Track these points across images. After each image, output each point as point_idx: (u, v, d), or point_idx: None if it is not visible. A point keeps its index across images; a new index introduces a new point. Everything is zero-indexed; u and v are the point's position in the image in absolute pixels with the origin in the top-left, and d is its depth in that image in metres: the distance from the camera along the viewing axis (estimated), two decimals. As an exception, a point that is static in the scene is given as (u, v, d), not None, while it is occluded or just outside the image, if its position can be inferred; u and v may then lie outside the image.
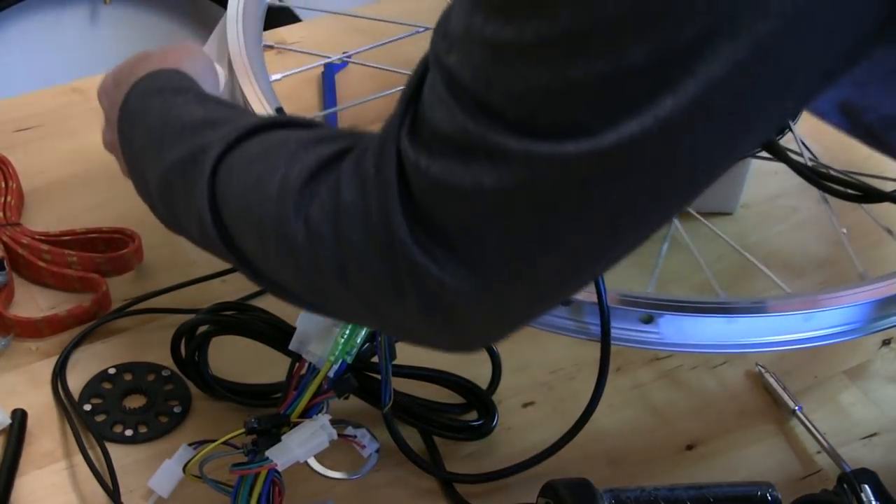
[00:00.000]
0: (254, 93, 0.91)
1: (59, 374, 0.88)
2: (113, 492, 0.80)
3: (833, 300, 0.86)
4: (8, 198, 1.00)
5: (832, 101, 0.69)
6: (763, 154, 0.92)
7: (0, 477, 0.80)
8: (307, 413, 0.76)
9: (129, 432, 0.85)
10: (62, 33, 1.98)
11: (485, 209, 0.54)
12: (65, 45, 1.97)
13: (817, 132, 1.06)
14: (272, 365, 0.84)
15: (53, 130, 1.11)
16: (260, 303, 0.88)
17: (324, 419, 0.76)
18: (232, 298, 0.90)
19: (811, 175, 0.88)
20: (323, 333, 0.76)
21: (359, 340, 0.77)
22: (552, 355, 0.93)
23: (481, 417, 0.86)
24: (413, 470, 0.84)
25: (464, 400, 0.87)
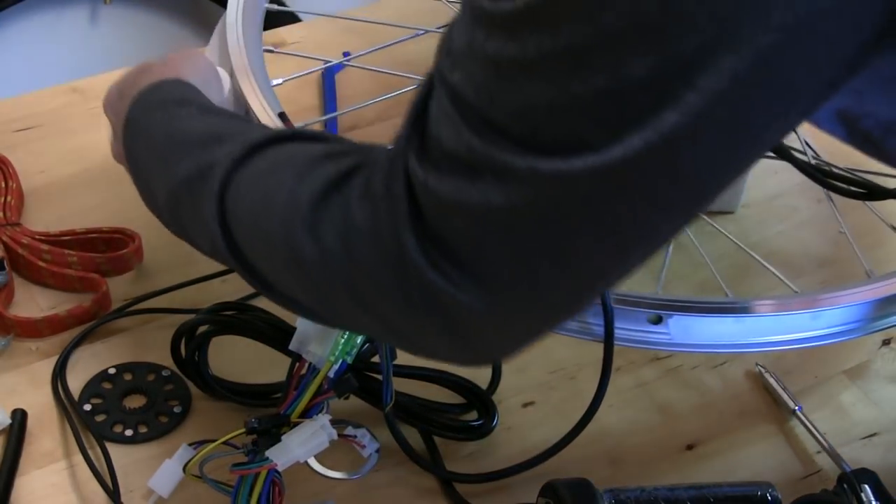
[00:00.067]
0: (256, 98, 0.91)
1: (59, 374, 0.88)
2: (113, 492, 0.80)
3: (843, 298, 0.85)
4: (8, 198, 1.00)
5: (829, 110, 0.68)
6: (766, 153, 0.91)
7: (0, 477, 0.80)
8: (307, 413, 0.76)
9: (129, 432, 0.85)
10: (62, 33, 1.98)
11: (494, 227, 0.54)
12: (65, 45, 1.97)
13: (819, 131, 1.06)
14: (272, 365, 0.83)
15: (53, 130, 1.11)
16: (260, 303, 0.88)
17: (324, 419, 0.76)
18: (232, 298, 0.90)
19: (815, 173, 0.87)
20: (323, 333, 0.76)
21: (359, 340, 0.77)
22: (552, 355, 0.93)
23: (481, 417, 0.86)
24: (413, 470, 0.84)
25: (464, 400, 0.87)
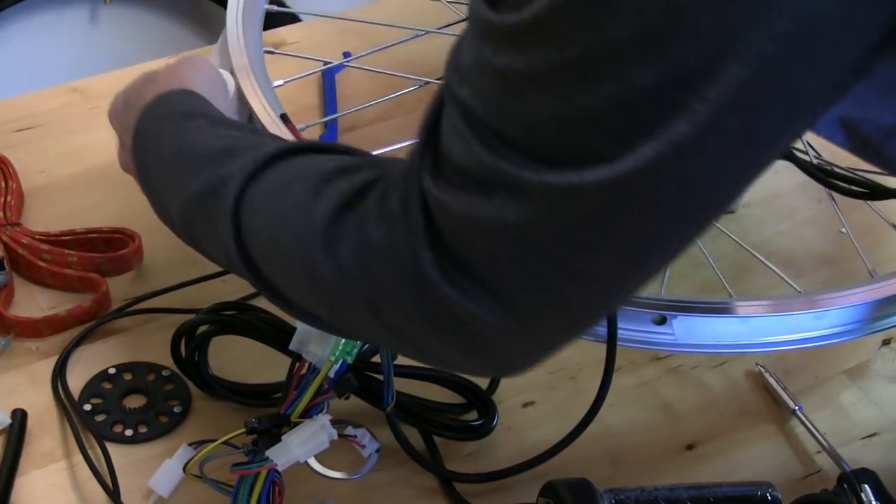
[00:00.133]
0: (258, 101, 0.91)
1: (59, 374, 0.88)
2: (113, 492, 0.80)
3: (846, 298, 0.85)
4: (8, 198, 1.00)
5: (829, 115, 0.68)
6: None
7: (0, 477, 0.80)
8: (307, 413, 0.76)
9: (129, 432, 0.85)
10: (62, 33, 1.98)
11: (510, 243, 0.54)
12: (65, 45, 1.97)
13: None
14: (272, 365, 0.83)
15: (53, 130, 1.11)
16: (260, 303, 0.88)
17: (324, 419, 0.76)
18: (232, 298, 0.90)
19: (817, 173, 0.87)
20: (323, 334, 0.76)
21: (359, 341, 0.77)
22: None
23: (481, 417, 0.86)
24: (413, 470, 0.84)
25: (464, 400, 0.87)
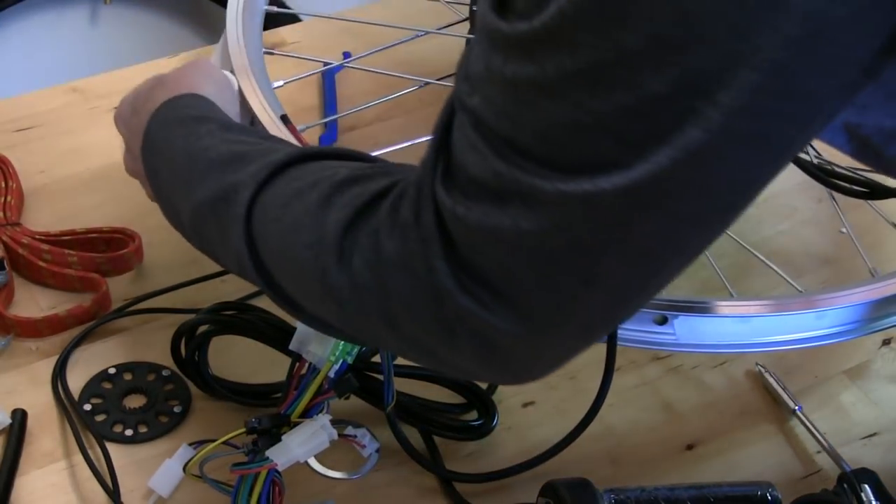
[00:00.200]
0: (258, 102, 0.91)
1: (59, 374, 0.88)
2: (113, 492, 0.80)
3: (850, 297, 0.85)
4: (8, 198, 1.00)
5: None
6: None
7: (0, 477, 0.80)
8: (307, 413, 0.76)
9: (129, 432, 0.85)
10: (62, 33, 1.98)
11: (524, 252, 0.54)
12: (65, 45, 1.97)
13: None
14: (272, 365, 0.83)
15: (53, 130, 1.11)
16: (260, 303, 0.88)
17: (324, 419, 0.76)
18: (232, 298, 0.90)
19: (818, 173, 0.87)
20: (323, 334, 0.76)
21: (359, 340, 0.77)
22: (552, 355, 0.93)
23: (481, 417, 0.86)
24: (413, 470, 0.84)
25: (464, 400, 0.87)
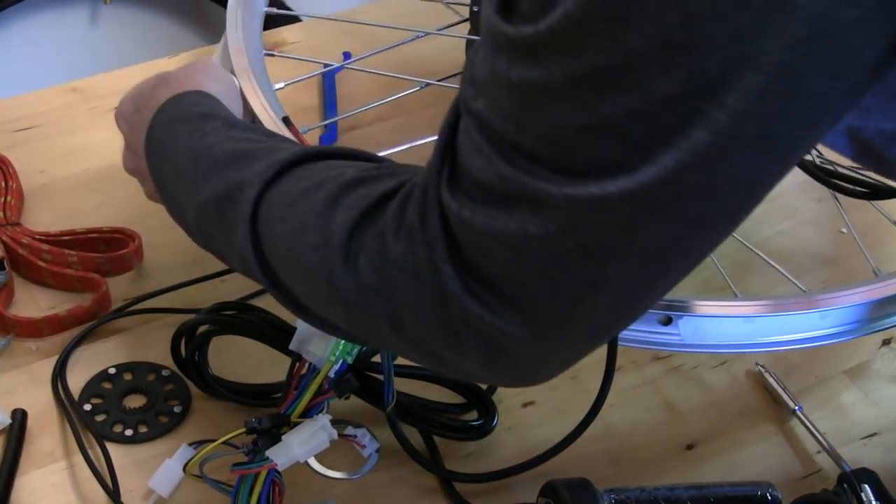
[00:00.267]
0: (259, 103, 0.91)
1: (59, 374, 0.88)
2: (113, 492, 0.80)
3: (854, 297, 0.85)
4: (8, 198, 1.00)
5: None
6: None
7: (0, 477, 0.80)
8: (308, 413, 0.76)
9: (129, 432, 0.85)
10: (62, 33, 1.98)
11: (531, 256, 0.54)
12: (65, 45, 1.97)
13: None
14: (272, 365, 0.83)
15: (53, 130, 1.11)
16: (260, 303, 0.88)
17: (324, 419, 0.76)
18: (232, 298, 0.90)
19: (819, 173, 0.87)
20: (323, 334, 0.76)
21: (359, 340, 0.77)
22: (552, 355, 0.93)
23: (481, 417, 0.86)
24: (413, 470, 0.84)
25: (464, 400, 0.87)
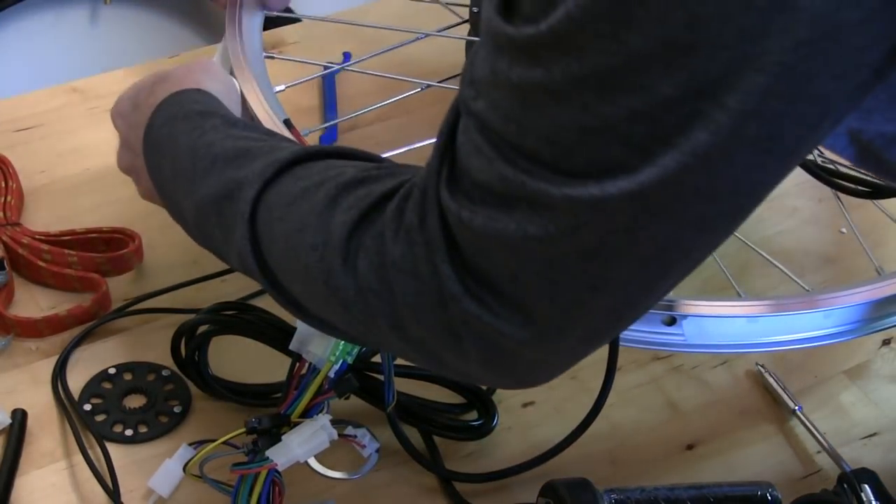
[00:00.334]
0: (261, 107, 0.90)
1: (59, 374, 0.88)
2: (113, 492, 0.80)
3: (858, 296, 0.85)
4: (8, 198, 1.00)
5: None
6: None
7: (0, 477, 0.80)
8: (308, 413, 0.76)
9: (129, 432, 0.85)
10: (62, 33, 1.98)
11: (531, 257, 0.54)
12: (65, 45, 1.97)
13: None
14: (272, 365, 0.83)
15: (53, 130, 1.11)
16: (260, 303, 0.88)
17: (324, 419, 0.76)
18: (232, 298, 0.90)
19: (821, 173, 0.87)
20: (324, 334, 0.76)
21: (359, 340, 0.77)
22: (552, 355, 0.93)
23: (481, 417, 0.86)
24: (413, 470, 0.84)
25: (464, 400, 0.87)
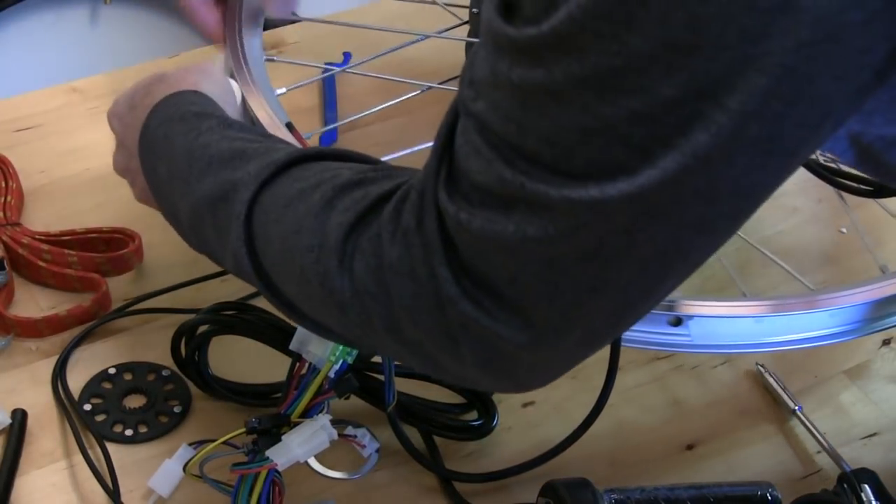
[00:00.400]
0: (263, 110, 0.90)
1: (60, 374, 0.88)
2: (113, 492, 0.80)
3: (861, 296, 0.85)
4: (8, 198, 1.00)
5: None
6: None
7: (0, 477, 0.80)
8: (308, 413, 0.76)
9: (129, 432, 0.85)
10: (62, 33, 1.98)
11: (530, 259, 0.53)
12: (65, 45, 1.97)
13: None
14: (272, 365, 0.83)
15: (53, 130, 1.11)
16: (260, 303, 0.88)
17: (324, 419, 0.76)
18: (232, 298, 0.90)
19: (823, 172, 0.87)
20: (323, 334, 0.76)
21: (359, 340, 0.77)
22: (552, 355, 0.93)
23: (481, 417, 0.86)
24: (413, 469, 0.84)
25: (464, 400, 0.87)
